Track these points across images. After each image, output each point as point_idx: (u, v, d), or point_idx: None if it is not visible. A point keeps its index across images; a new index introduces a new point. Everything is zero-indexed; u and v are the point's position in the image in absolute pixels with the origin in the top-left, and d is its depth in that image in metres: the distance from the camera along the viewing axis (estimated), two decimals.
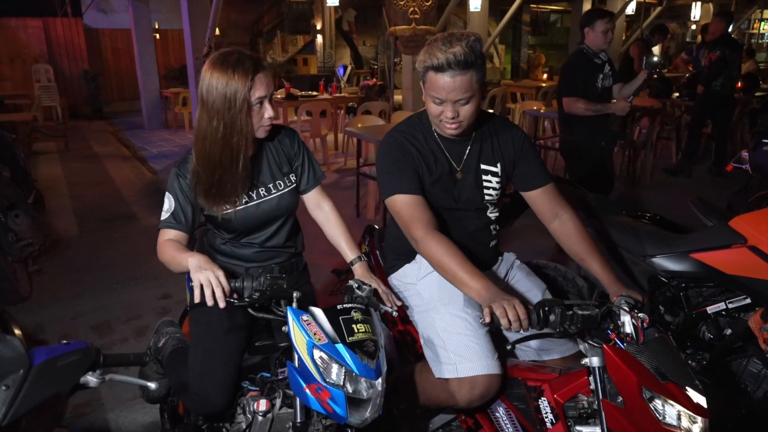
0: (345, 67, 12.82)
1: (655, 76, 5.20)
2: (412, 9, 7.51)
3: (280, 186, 1.79)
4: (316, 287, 2.06)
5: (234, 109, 1.57)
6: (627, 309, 1.49)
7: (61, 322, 3.44)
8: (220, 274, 1.45)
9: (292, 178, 1.82)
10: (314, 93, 8.40)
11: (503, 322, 1.38)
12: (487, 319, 1.40)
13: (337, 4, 9.64)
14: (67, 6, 12.72)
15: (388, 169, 1.77)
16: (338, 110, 8.26)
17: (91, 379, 1.21)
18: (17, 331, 1.68)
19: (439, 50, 1.59)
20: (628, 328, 1.47)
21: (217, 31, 9.84)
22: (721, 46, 6.12)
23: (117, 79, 13.48)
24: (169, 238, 1.67)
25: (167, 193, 1.71)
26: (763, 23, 20.96)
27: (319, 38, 14.95)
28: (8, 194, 3.80)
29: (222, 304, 1.42)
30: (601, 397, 1.42)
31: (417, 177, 1.75)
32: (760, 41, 20.96)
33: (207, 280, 1.42)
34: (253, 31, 15.59)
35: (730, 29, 6.34)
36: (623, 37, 13.18)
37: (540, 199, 1.87)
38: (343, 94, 8.74)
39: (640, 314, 1.49)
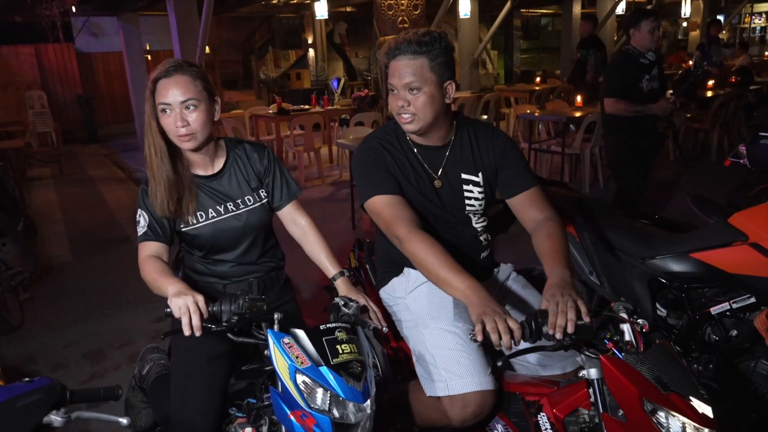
0: (339, 80, 12.82)
1: (700, 75, 5.27)
2: (401, 18, 7.50)
3: (249, 201, 1.74)
4: (308, 304, 1.99)
5: (150, 112, 1.59)
6: (625, 316, 1.42)
7: (52, 350, 3.37)
8: (200, 299, 1.40)
9: (262, 193, 1.78)
10: (306, 107, 8.37)
11: (493, 338, 1.30)
12: (479, 338, 1.32)
13: (326, 17, 9.62)
14: (59, 32, 12.73)
15: (363, 173, 1.72)
16: (332, 123, 8.22)
17: (55, 418, 1.14)
18: None
19: (395, 39, 1.62)
20: (628, 336, 1.40)
21: (208, 50, 9.84)
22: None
23: (111, 102, 13.48)
24: (149, 254, 1.64)
25: (139, 210, 1.69)
26: (754, 17, 21.03)
27: (311, 52, 14.96)
28: None
29: (198, 333, 1.36)
30: (601, 410, 1.34)
31: (394, 178, 1.70)
32: (752, 35, 21.00)
33: (185, 306, 1.37)
34: (245, 48, 15.63)
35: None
36: (614, 38, 13.18)
37: (524, 205, 1.74)
38: (335, 107, 8.70)
39: (639, 320, 1.42)
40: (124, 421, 1.28)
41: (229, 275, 1.77)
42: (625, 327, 1.40)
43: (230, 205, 1.72)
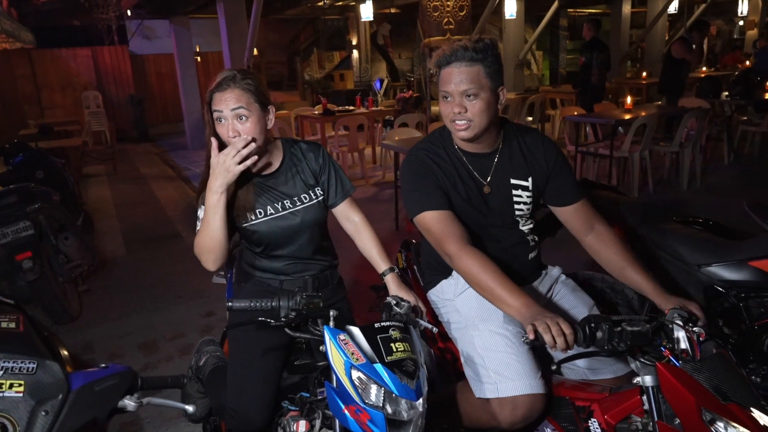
0: (381, 81, 12.89)
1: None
2: (446, 20, 7.49)
3: (305, 199, 1.80)
4: (354, 304, 2.03)
5: (208, 119, 1.69)
6: (681, 323, 1.40)
7: (109, 341, 3.52)
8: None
9: (318, 191, 1.83)
10: (351, 108, 8.45)
11: (546, 338, 1.31)
12: (531, 336, 1.34)
13: (371, 19, 9.69)
14: (114, 34, 13.25)
15: (412, 188, 1.74)
16: (375, 124, 8.28)
17: (128, 403, 1.21)
18: (64, 352, 1.70)
19: (449, 46, 1.63)
20: (683, 344, 1.38)
21: (255, 52, 10.05)
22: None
23: (161, 102, 13.93)
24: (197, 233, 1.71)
25: (200, 207, 1.74)
26: None
27: (355, 53, 15.09)
28: (58, 217, 3.94)
29: None
30: (656, 419, 1.33)
31: (443, 192, 1.71)
32: None
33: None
34: (290, 49, 15.87)
35: None
36: (666, 37, 12.80)
37: (575, 215, 1.81)
38: (379, 108, 8.76)
39: (695, 328, 1.40)
40: (190, 408, 1.34)
41: (285, 272, 1.83)
42: (681, 334, 1.39)
43: (287, 202, 1.77)
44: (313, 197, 1.81)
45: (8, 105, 12.24)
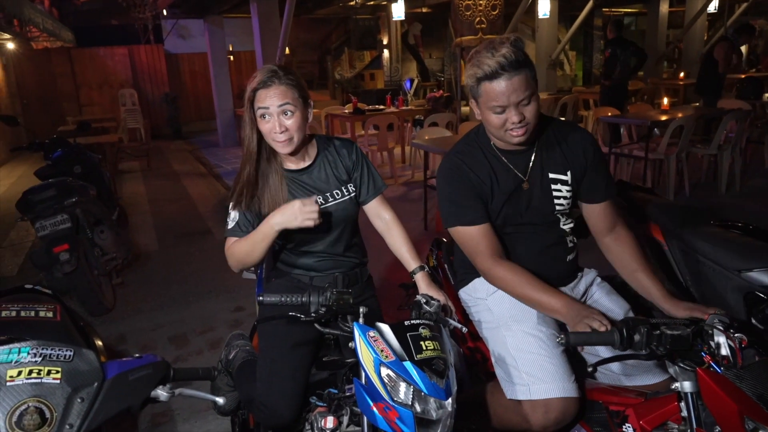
0: (412, 81, 12.86)
1: None
2: (478, 19, 7.42)
3: (337, 195, 1.80)
4: (383, 302, 2.03)
5: (248, 116, 1.68)
6: (722, 328, 1.35)
7: (141, 333, 3.59)
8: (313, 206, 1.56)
9: (350, 187, 1.83)
10: (381, 107, 8.46)
11: (595, 325, 1.32)
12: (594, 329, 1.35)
13: (403, 18, 9.68)
14: (150, 34, 13.55)
15: (448, 197, 1.74)
16: (405, 123, 8.27)
17: (161, 393, 1.23)
18: (99, 342, 1.74)
19: (486, 58, 1.53)
20: (724, 350, 1.33)
21: (287, 51, 10.14)
22: None
23: (194, 100, 14.19)
24: (235, 242, 1.73)
25: (235, 206, 1.75)
26: None
27: (386, 53, 15.09)
28: (95, 211, 4.03)
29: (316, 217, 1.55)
30: (695, 426, 1.29)
31: (479, 202, 1.70)
32: None
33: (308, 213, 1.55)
34: (322, 48, 15.98)
35: None
36: (705, 37, 12.47)
37: (601, 214, 1.80)
38: (409, 107, 8.74)
39: (737, 334, 1.35)
40: (220, 400, 1.36)
41: (316, 268, 1.83)
42: (722, 340, 1.34)
43: (319, 197, 1.77)
44: (345, 193, 1.82)
45: (48, 102, 12.63)
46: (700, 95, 7.17)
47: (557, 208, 1.77)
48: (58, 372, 1.14)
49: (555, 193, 1.76)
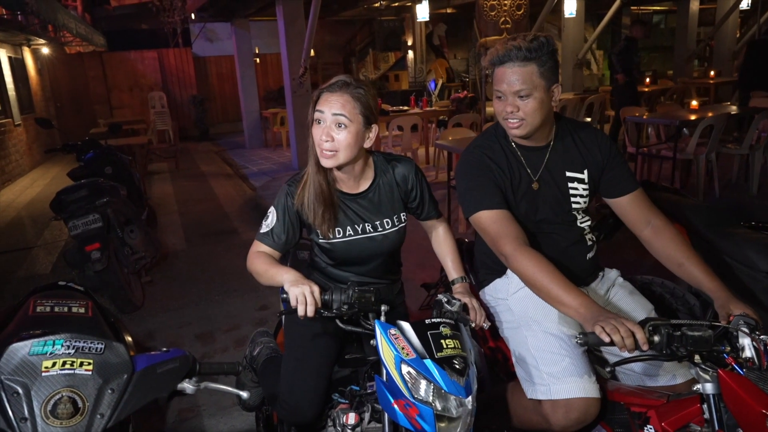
0: (436, 81, 12.85)
1: None
2: (503, 19, 7.39)
3: (387, 225, 1.76)
4: (406, 300, 2.04)
5: (309, 117, 1.63)
6: (746, 330, 1.33)
7: (169, 330, 3.67)
8: (315, 289, 1.48)
9: (402, 217, 1.79)
10: (405, 108, 8.48)
11: (615, 338, 1.29)
12: (606, 339, 1.31)
13: (427, 19, 9.69)
14: (179, 37, 13.81)
15: (468, 186, 1.73)
16: (429, 124, 8.27)
17: (187, 386, 1.27)
18: (128, 338, 1.80)
19: (502, 45, 1.61)
20: (748, 352, 1.31)
21: (312, 53, 10.23)
22: None
23: (221, 102, 14.42)
24: (261, 251, 1.71)
25: (273, 207, 1.73)
26: None
27: (410, 54, 15.11)
28: (125, 211, 4.14)
29: (311, 315, 1.45)
30: (716, 428, 1.28)
31: (499, 191, 1.70)
32: None
33: (302, 295, 1.45)
34: (346, 50, 16.07)
35: None
36: (737, 35, 12.18)
37: (630, 206, 1.78)
38: (433, 108, 8.75)
39: (762, 336, 1.33)
40: (244, 394, 1.39)
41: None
42: (746, 342, 1.32)
43: (368, 226, 1.74)
44: (396, 223, 1.77)
45: (81, 105, 12.98)
46: (741, 89, 7.01)
47: (574, 206, 1.78)
48: (90, 364, 1.19)
49: (572, 192, 1.77)
